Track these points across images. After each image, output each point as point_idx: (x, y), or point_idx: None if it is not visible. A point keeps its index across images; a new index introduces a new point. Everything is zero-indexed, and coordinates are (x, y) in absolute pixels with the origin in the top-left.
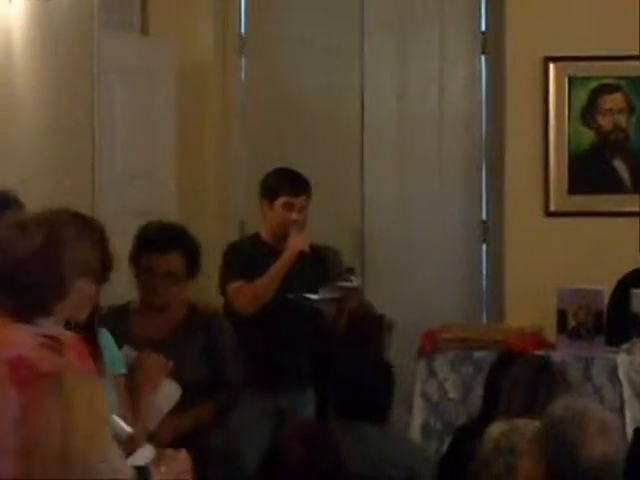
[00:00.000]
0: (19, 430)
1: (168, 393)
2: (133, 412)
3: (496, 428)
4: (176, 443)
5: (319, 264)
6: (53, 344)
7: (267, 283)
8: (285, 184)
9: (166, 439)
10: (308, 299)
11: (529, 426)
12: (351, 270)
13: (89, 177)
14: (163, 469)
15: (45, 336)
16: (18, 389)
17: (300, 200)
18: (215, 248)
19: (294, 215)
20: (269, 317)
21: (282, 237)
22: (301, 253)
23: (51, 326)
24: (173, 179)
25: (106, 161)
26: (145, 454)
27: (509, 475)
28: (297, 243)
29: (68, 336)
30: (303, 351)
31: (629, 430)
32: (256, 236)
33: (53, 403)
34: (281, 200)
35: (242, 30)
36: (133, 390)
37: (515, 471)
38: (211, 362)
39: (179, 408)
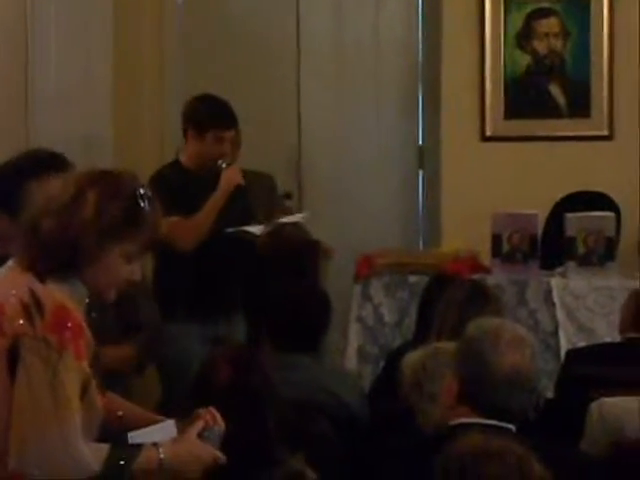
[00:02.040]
0: None
1: None
2: None
3: (416, 353)
4: None
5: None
6: (30, 303)
7: (205, 218)
8: (216, 118)
9: None
10: (249, 233)
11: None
12: (288, 195)
13: (22, 99)
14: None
15: (32, 295)
16: None
17: (231, 133)
18: (152, 171)
19: (226, 148)
20: (204, 249)
21: (209, 168)
22: (237, 187)
23: (53, 288)
24: (109, 102)
25: (40, 83)
26: (161, 432)
27: None
28: (232, 177)
29: (55, 302)
30: (238, 279)
31: (563, 352)
32: (177, 163)
33: None
34: (212, 133)
35: None
36: None
37: None
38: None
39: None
